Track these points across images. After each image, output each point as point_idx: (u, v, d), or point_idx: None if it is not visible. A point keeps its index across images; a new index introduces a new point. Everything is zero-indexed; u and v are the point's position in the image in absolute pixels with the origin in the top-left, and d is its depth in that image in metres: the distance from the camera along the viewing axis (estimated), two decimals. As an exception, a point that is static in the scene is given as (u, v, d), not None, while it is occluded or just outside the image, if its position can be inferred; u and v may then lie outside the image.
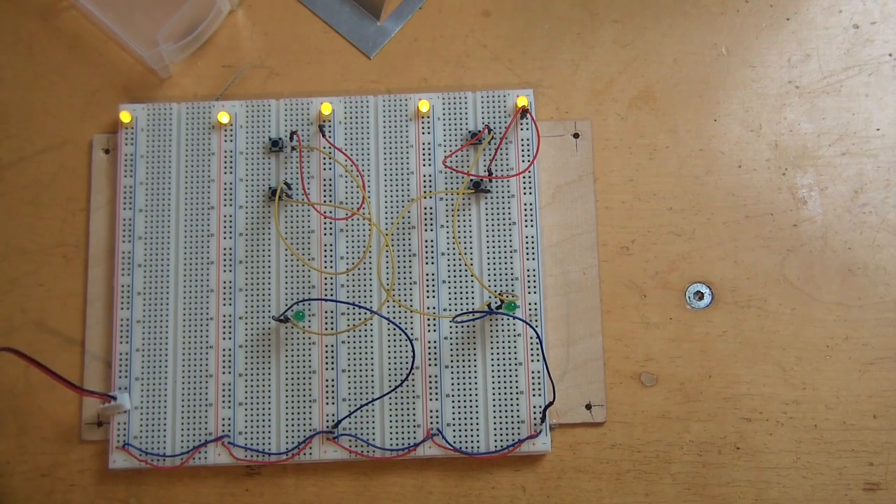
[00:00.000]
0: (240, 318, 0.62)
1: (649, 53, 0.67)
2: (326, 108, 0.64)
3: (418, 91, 0.66)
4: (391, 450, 0.60)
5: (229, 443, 0.61)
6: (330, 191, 0.64)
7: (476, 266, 0.62)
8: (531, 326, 0.61)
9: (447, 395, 0.61)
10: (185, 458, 0.61)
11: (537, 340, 0.61)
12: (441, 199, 0.63)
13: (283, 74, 0.67)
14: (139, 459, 0.61)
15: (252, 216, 0.64)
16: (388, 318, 0.61)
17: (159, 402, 0.61)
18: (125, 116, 0.65)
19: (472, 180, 0.63)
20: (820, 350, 0.62)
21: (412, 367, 0.61)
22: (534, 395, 0.61)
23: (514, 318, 0.61)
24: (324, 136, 0.64)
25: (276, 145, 0.64)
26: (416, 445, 0.60)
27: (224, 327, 0.62)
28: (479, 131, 0.64)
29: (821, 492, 0.61)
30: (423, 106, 0.64)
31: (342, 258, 0.63)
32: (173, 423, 0.61)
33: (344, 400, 0.61)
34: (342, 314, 0.62)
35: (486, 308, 0.61)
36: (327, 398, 0.61)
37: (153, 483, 0.62)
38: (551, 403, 0.59)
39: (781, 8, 0.67)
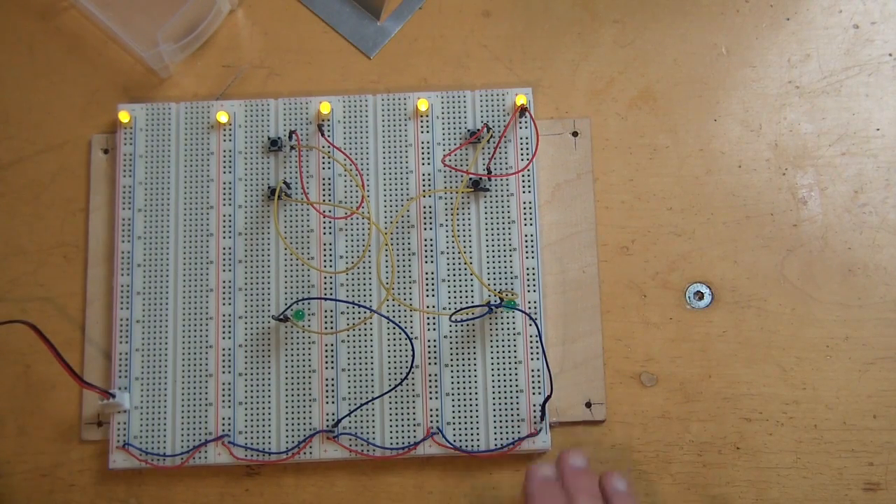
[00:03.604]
0: (239, 317, 0.62)
1: (649, 53, 0.67)
2: (325, 108, 0.64)
3: (418, 91, 0.66)
4: (391, 448, 0.60)
5: (229, 442, 0.61)
6: (329, 190, 0.64)
7: (475, 264, 0.62)
8: (530, 317, 0.61)
9: (447, 394, 0.61)
10: (185, 457, 0.61)
11: (537, 338, 0.61)
12: (440, 197, 0.63)
13: (283, 74, 0.67)
14: (139, 459, 0.61)
15: (251, 216, 0.64)
16: (387, 317, 0.61)
17: (159, 401, 0.61)
18: (124, 116, 0.65)
19: (471, 179, 0.63)
20: (820, 350, 0.62)
21: (412, 366, 0.61)
22: (534, 394, 0.61)
23: (515, 309, 0.61)
24: (323, 135, 0.64)
25: (275, 145, 0.64)
26: (417, 444, 0.60)
27: (224, 327, 0.62)
28: (478, 130, 0.64)
29: (821, 492, 0.61)
30: (422, 105, 0.64)
31: (341, 257, 0.63)
32: (173, 422, 0.61)
33: (344, 399, 0.61)
34: (342, 313, 0.62)
35: (485, 305, 0.61)
36: (327, 397, 0.61)
37: (153, 483, 0.62)
38: (549, 397, 0.59)
39: (781, 8, 0.67)
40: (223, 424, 0.61)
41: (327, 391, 0.61)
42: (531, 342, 0.61)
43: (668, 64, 0.67)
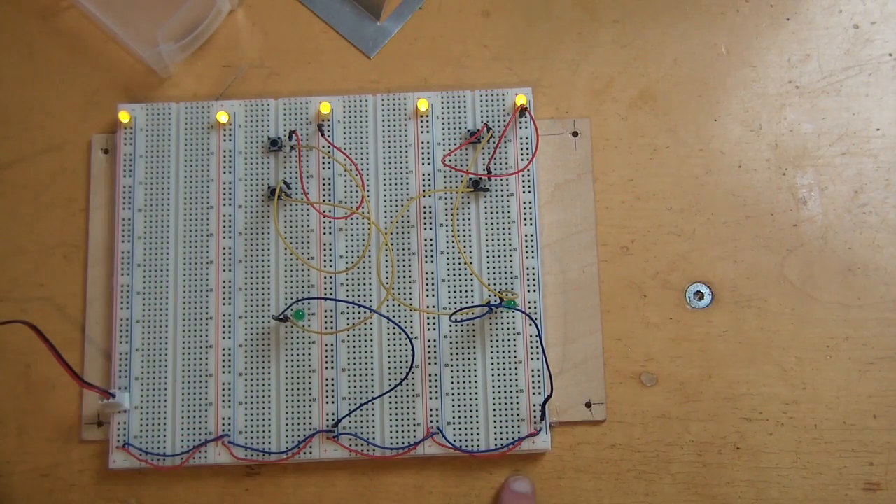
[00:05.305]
0: (239, 317, 0.62)
1: (649, 53, 0.67)
2: (325, 108, 0.64)
3: (418, 91, 0.66)
4: (391, 448, 0.60)
5: (229, 442, 0.61)
6: (329, 190, 0.64)
7: (475, 264, 0.62)
8: (530, 318, 0.61)
9: (447, 394, 0.61)
10: (185, 457, 0.61)
11: (537, 338, 0.61)
12: (440, 197, 0.63)
13: (283, 74, 0.67)
14: (139, 459, 0.61)
15: (251, 215, 0.64)
16: (387, 317, 0.61)
17: (159, 401, 0.61)
18: (124, 116, 0.65)
19: (471, 178, 0.63)
20: (820, 350, 0.62)
21: (412, 366, 0.61)
22: (534, 394, 0.61)
23: (515, 309, 0.61)
24: (323, 135, 0.64)
25: (275, 144, 0.64)
26: (417, 444, 0.60)
27: (224, 327, 0.62)
28: (478, 130, 0.64)
29: (821, 492, 0.61)
30: (422, 105, 0.64)
31: (341, 257, 0.63)
32: (173, 422, 0.61)
33: (344, 399, 0.61)
34: (342, 313, 0.62)
35: (485, 305, 0.61)
36: (327, 397, 0.61)
37: (153, 483, 0.62)
38: (549, 397, 0.59)
39: (781, 8, 0.67)
40: (223, 424, 0.61)
41: (327, 391, 0.61)
42: (531, 342, 0.61)
43: (668, 64, 0.67)
